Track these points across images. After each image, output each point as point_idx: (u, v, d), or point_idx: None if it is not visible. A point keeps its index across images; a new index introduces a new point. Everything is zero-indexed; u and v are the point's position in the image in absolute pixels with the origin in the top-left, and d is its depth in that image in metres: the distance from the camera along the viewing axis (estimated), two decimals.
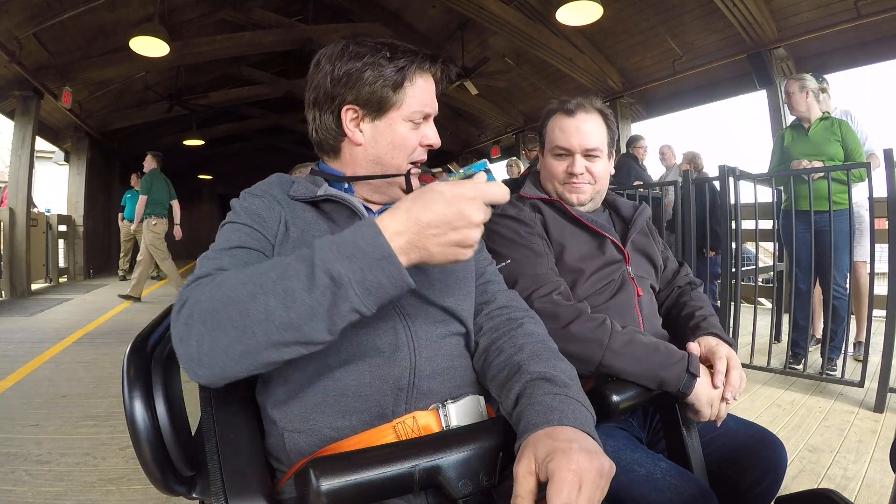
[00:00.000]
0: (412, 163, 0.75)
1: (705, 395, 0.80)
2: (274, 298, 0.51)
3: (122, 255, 7.21)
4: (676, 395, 0.81)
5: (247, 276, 0.54)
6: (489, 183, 0.55)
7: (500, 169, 9.00)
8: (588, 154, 1.01)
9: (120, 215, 7.20)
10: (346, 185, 0.77)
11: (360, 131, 0.73)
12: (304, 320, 0.50)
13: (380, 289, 0.50)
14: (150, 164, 5.54)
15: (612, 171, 1.09)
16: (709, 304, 1.05)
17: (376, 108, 0.71)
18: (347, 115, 0.72)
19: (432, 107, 0.75)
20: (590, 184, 1.03)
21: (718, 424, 0.86)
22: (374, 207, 0.79)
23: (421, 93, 0.73)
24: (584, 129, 1.00)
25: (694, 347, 0.88)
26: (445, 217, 0.51)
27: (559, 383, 0.62)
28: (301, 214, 0.71)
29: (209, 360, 0.53)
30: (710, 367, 0.84)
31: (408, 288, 0.52)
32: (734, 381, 0.82)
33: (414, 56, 0.72)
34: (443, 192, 0.52)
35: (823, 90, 2.91)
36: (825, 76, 3.27)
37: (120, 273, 7.27)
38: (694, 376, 0.80)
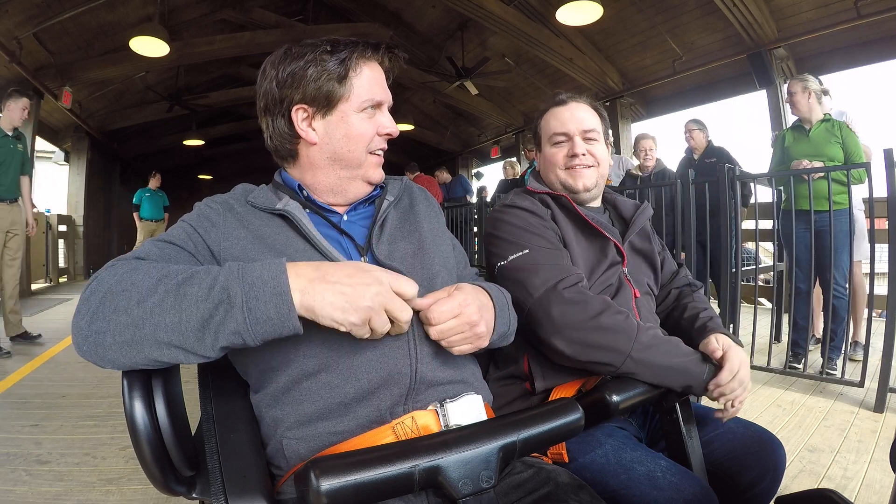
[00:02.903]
0: (371, 152, 0.75)
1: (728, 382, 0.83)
2: (173, 298, 0.54)
3: None
4: (696, 388, 0.83)
5: (158, 270, 0.57)
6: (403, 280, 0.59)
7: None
8: (587, 136, 1.01)
9: (136, 214, 7.17)
10: (306, 193, 0.76)
11: (313, 130, 0.73)
12: (192, 328, 0.53)
13: (268, 322, 0.53)
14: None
15: (611, 162, 1.09)
16: (710, 307, 1.06)
17: (325, 103, 0.71)
18: (298, 115, 0.72)
19: (384, 95, 0.75)
20: (593, 166, 1.02)
21: (724, 420, 0.89)
22: (341, 210, 0.78)
23: (369, 82, 0.73)
24: (579, 114, 1.02)
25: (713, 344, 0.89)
26: (348, 271, 0.56)
27: None
28: (266, 222, 0.71)
29: (96, 338, 0.54)
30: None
31: (294, 332, 0.54)
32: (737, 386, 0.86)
33: (355, 46, 0.72)
34: (355, 264, 0.59)
35: (825, 92, 2.92)
36: (822, 77, 3.27)
37: None
38: (717, 367, 0.84)
